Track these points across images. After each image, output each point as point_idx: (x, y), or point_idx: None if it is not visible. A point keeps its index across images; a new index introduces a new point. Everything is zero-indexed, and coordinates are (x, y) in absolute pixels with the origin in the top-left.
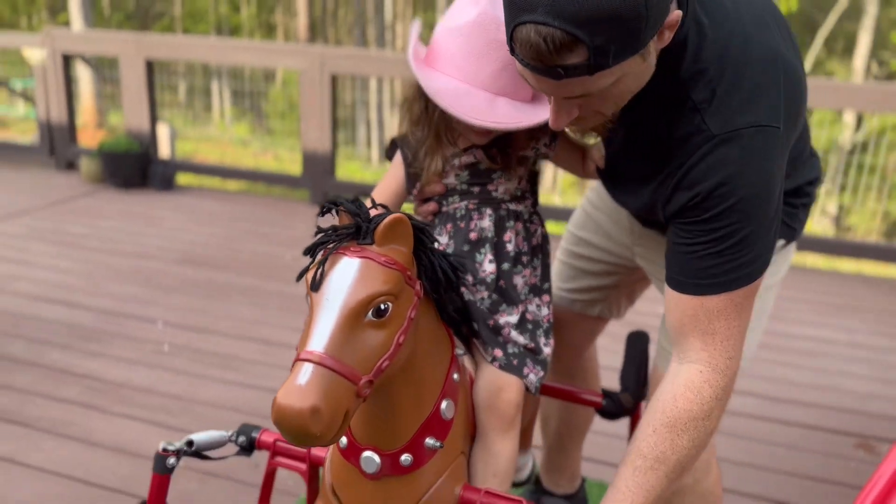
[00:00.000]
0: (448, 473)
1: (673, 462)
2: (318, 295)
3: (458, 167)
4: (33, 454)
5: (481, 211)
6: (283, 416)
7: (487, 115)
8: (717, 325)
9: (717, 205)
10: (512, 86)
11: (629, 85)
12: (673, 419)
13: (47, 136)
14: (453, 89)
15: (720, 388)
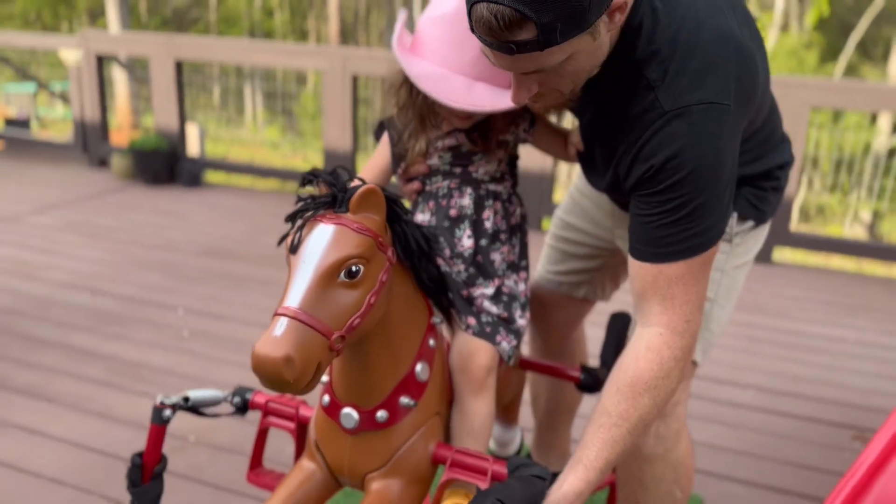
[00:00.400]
0: (422, 431)
1: (635, 419)
2: (296, 257)
3: (441, 149)
4: (56, 426)
5: (462, 190)
6: (260, 363)
7: (465, 98)
8: (676, 291)
9: (669, 177)
10: (490, 71)
11: (582, 63)
12: (634, 379)
13: (81, 134)
14: (434, 74)
15: (678, 349)
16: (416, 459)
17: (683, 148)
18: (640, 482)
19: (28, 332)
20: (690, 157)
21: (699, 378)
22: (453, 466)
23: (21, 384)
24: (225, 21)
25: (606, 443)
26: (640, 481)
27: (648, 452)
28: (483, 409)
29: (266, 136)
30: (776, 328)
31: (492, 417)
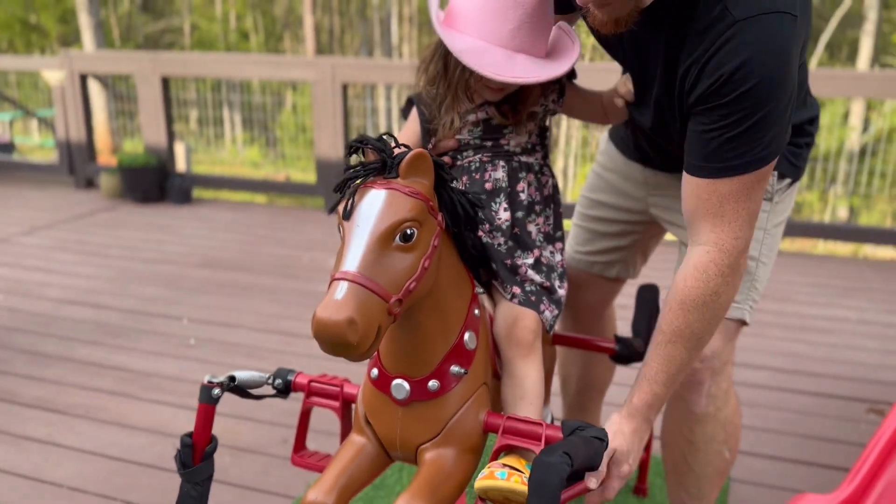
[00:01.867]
0: (472, 400)
1: (688, 335)
2: (350, 223)
3: (472, 123)
4: (70, 436)
5: (494, 163)
6: (323, 327)
7: (507, 70)
8: (727, 208)
9: (737, 88)
10: (529, 43)
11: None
12: (683, 297)
13: (66, 155)
14: (475, 48)
15: (725, 266)
16: (468, 428)
17: (753, 57)
18: (690, 443)
19: (31, 347)
20: (759, 66)
21: None
22: (506, 433)
23: (29, 398)
24: (200, 45)
25: (664, 358)
26: (691, 442)
27: (700, 412)
28: (533, 372)
29: (247, 157)
30: (781, 312)
31: (542, 382)
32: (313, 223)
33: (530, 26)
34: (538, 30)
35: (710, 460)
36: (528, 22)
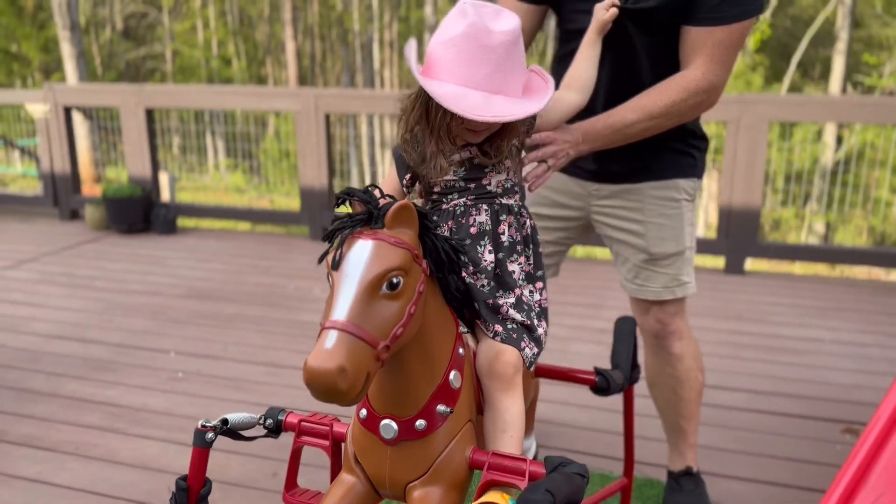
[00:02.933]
0: (458, 437)
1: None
2: (339, 273)
3: (457, 163)
4: (60, 474)
5: (478, 207)
6: (313, 375)
7: (486, 110)
8: (718, 51)
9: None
10: (504, 84)
11: None
12: (661, 86)
13: (51, 187)
14: (454, 92)
15: (702, 90)
16: (454, 466)
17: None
18: (676, 378)
19: (19, 384)
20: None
21: None
22: (491, 469)
23: (18, 436)
24: (182, 72)
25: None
26: (677, 378)
27: (678, 352)
28: (514, 406)
29: (230, 182)
30: (757, 333)
31: (522, 415)
32: (298, 251)
33: (504, 69)
34: (511, 72)
35: (692, 384)
36: (502, 65)
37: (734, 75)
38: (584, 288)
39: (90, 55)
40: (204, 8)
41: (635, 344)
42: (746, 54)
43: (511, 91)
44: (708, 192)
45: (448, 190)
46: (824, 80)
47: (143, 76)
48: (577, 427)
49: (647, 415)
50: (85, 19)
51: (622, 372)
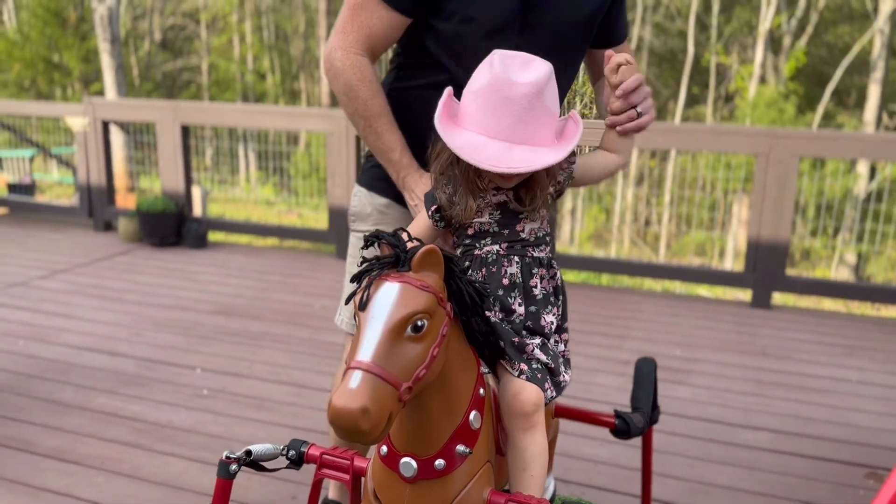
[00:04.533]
0: (477, 478)
1: None
2: (365, 314)
3: (493, 206)
4: (86, 488)
5: (510, 258)
6: (338, 415)
7: (502, 161)
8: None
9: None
10: (528, 134)
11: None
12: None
13: (86, 198)
14: (474, 142)
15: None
16: None
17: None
18: None
19: (50, 395)
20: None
21: (714, 422)
22: None
23: (47, 448)
24: (217, 85)
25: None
26: None
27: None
28: (535, 444)
29: (261, 195)
30: (782, 371)
31: (544, 453)
32: (325, 269)
33: (526, 120)
34: (535, 122)
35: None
36: (524, 116)
37: (766, 103)
38: (608, 318)
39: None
40: (241, 23)
41: (655, 385)
42: (780, 82)
43: (538, 140)
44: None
45: (481, 234)
46: (859, 108)
47: (179, 88)
48: (598, 462)
49: (666, 452)
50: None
51: (642, 414)
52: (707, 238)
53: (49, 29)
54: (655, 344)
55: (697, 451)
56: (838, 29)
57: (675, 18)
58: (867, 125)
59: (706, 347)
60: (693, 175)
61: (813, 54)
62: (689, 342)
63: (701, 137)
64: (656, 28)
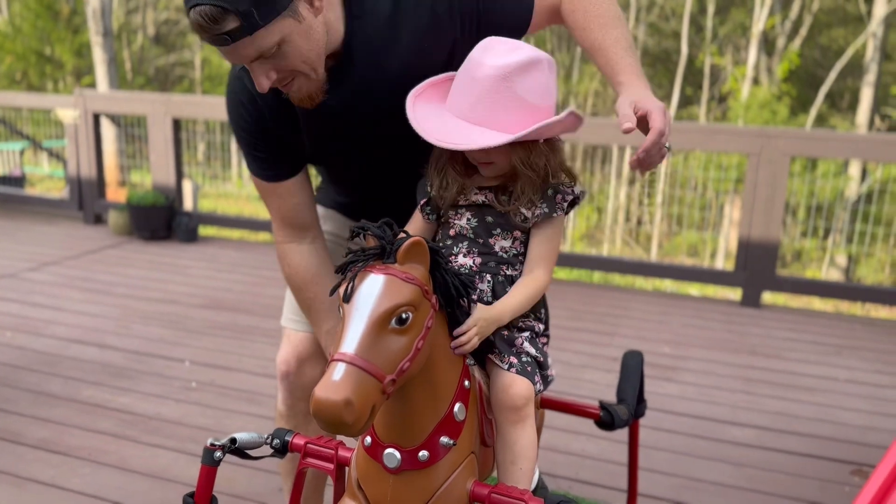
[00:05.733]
0: (460, 469)
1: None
2: (349, 306)
3: (472, 211)
4: (72, 479)
5: (482, 275)
6: (321, 407)
7: (444, 134)
8: None
9: None
10: (489, 118)
11: (300, 45)
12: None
13: (77, 191)
14: (429, 115)
15: None
16: (454, 498)
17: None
18: None
19: (37, 387)
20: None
21: (702, 419)
22: None
23: (34, 439)
24: (210, 80)
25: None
26: None
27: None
28: (523, 437)
29: (252, 191)
30: (770, 369)
31: (533, 447)
32: None
33: (488, 102)
34: (499, 105)
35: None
36: (486, 98)
37: (759, 105)
38: (599, 315)
39: (121, 60)
40: None
41: (642, 378)
42: (773, 84)
43: (500, 125)
44: (729, 219)
45: (460, 237)
46: (852, 111)
47: (172, 83)
48: (585, 456)
49: (652, 447)
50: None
51: (627, 407)
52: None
53: (41, 22)
54: (645, 341)
55: (685, 447)
56: (832, 31)
57: (670, 19)
58: (859, 128)
59: (695, 345)
60: (685, 175)
61: (806, 56)
62: (679, 340)
63: (693, 136)
64: (650, 28)
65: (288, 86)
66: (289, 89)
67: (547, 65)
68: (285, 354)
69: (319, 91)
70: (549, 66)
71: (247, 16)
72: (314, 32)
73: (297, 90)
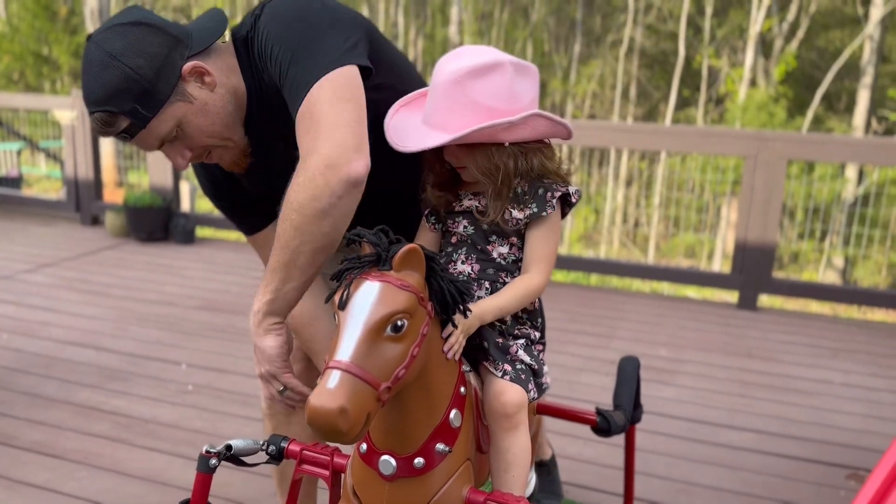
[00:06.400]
0: (456, 476)
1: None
2: (345, 313)
3: (468, 218)
4: (68, 483)
5: (480, 283)
6: (315, 415)
7: (399, 137)
8: (323, 110)
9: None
10: (444, 121)
11: (200, 123)
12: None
13: (74, 192)
14: (399, 119)
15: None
16: None
17: (273, 16)
18: None
19: (33, 389)
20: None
21: (698, 422)
22: None
23: (28, 442)
24: None
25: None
26: None
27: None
28: (517, 444)
29: None
30: (767, 372)
31: (527, 454)
32: None
33: (444, 107)
34: (453, 109)
35: None
36: (443, 102)
37: (757, 107)
38: (596, 318)
39: None
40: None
41: (638, 384)
42: (770, 85)
43: (455, 128)
44: (726, 221)
45: (461, 244)
46: (849, 113)
47: None
48: (581, 460)
49: (650, 451)
50: None
51: (624, 413)
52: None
53: (39, 22)
54: (642, 344)
55: (681, 450)
56: (829, 33)
57: (668, 20)
58: (856, 130)
59: (692, 348)
60: (682, 177)
61: (804, 58)
62: (675, 342)
63: (690, 139)
64: (648, 30)
65: (208, 158)
66: (211, 160)
67: (512, 69)
68: None
69: (244, 155)
70: (515, 70)
71: (133, 113)
72: (211, 107)
73: (219, 160)
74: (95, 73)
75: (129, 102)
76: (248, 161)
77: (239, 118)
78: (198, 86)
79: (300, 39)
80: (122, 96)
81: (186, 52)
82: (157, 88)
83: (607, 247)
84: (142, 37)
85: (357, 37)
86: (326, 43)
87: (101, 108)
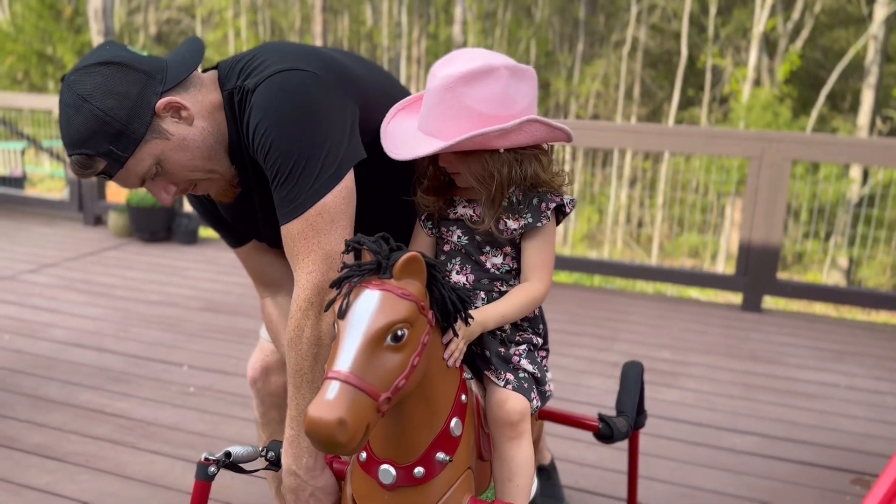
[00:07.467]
0: (457, 485)
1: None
2: (344, 322)
3: (462, 227)
4: (69, 486)
5: (476, 293)
6: (314, 426)
7: (393, 144)
8: (299, 247)
9: (263, 144)
10: (437, 127)
11: (180, 158)
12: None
13: (77, 192)
14: (395, 126)
15: (302, 301)
16: None
17: (266, 114)
18: None
19: (34, 391)
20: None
21: (701, 426)
22: None
23: (31, 444)
24: None
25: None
26: None
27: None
28: (520, 453)
29: None
30: (771, 375)
31: (530, 463)
32: None
33: (436, 113)
34: (446, 115)
35: None
36: (434, 109)
37: (762, 106)
38: (599, 319)
39: None
40: (236, 18)
41: (642, 389)
42: (775, 85)
43: (446, 134)
44: (730, 221)
45: (455, 253)
46: (853, 112)
47: None
48: (584, 465)
49: (653, 455)
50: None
51: (626, 419)
52: (700, 241)
53: (43, 22)
54: (645, 346)
55: (684, 454)
56: (833, 33)
57: (671, 20)
58: (861, 129)
59: (695, 350)
60: (686, 177)
61: (808, 58)
62: (679, 345)
63: (694, 140)
64: (652, 29)
65: (195, 190)
66: (197, 193)
67: (506, 73)
68: (253, 361)
69: (231, 184)
70: (510, 74)
71: (109, 154)
72: (191, 142)
73: (205, 191)
74: (69, 117)
75: (104, 144)
76: (237, 191)
77: (222, 149)
78: (174, 121)
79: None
80: (95, 138)
81: (160, 88)
82: (131, 128)
83: (611, 247)
84: (112, 76)
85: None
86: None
87: (77, 151)
